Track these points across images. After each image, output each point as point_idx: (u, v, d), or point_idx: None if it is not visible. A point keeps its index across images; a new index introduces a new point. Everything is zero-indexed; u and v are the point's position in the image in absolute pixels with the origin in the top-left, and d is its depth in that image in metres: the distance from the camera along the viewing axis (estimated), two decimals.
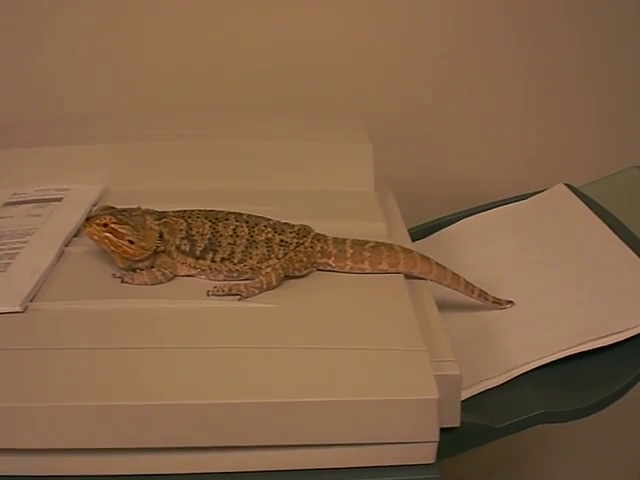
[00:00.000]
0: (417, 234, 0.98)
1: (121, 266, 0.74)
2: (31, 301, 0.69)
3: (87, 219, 0.73)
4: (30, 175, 0.91)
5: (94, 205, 0.86)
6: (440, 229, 1.00)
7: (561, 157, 1.22)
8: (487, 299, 0.80)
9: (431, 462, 0.62)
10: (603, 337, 0.73)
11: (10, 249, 0.77)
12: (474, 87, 1.19)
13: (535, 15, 1.16)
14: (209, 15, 1.12)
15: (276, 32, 1.13)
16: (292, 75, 1.14)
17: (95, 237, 0.72)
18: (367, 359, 0.63)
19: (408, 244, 0.81)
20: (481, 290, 0.79)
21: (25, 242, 0.78)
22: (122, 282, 0.73)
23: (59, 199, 0.88)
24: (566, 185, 1.00)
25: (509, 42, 1.17)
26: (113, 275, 0.73)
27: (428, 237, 0.99)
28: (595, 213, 0.92)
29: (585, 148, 1.22)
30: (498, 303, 0.81)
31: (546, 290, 0.83)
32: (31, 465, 0.60)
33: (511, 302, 0.81)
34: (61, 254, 0.77)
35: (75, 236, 0.80)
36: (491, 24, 1.16)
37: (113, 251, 0.73)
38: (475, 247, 0.95)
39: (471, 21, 1.15)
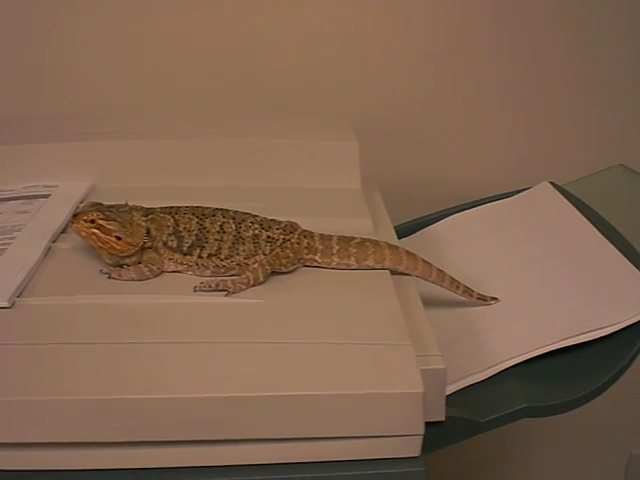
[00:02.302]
0: (403, 231, 0.98)
1: (108, 262, 0.74)
2: (18, 297, 0.69)
3: (74, 215, 0.73)
4: (18, 172, 0.91)
5: (81, 202, 0.86)
6: (426, 226, 1.01)
7: (546, 155, 1.22)
8: (472, 295, 0.81)
9: (416, 455, 0.62)
10: (585, 333, 0.73)
11: None
12: (460, 87, 1.19)
13: (522, 16, 1.16)
14: (200, 16, 1.12)
15: (264, 33, 1.14)
16: (280, 75, 1.15)
17: (82, 233, 0.73)
18: (353, 353, 0.64)
19: (394, 241, 0.82)
20: (466, 286, 0.80)
21: (13, 238, 0.78)
22: (109, 278, 0.73)
23: (46, 196, 0.88)
24: (551, 183, 1.01)
25: (496, 42, 1.17)
26: (100, 271, 0.74)
27: (414, 234, 1.00)
28: (579, 211, 0.92)
29: (570, 146, 1.23)
30: (483, 299, 0.81)
31: (530, 287, 0.83)
32: (17, 459, 0.60)
33: (495, 298, 0.82)
34: (48, 250, 0.77)
35: (62, 232, 0.81)
36: (477, 25, 1.16)
37: (100, 247, 0.73)
38: (460, 244, 0.95)
39: (458, 22, 1.16)
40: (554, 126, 1.22)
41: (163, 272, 0.74)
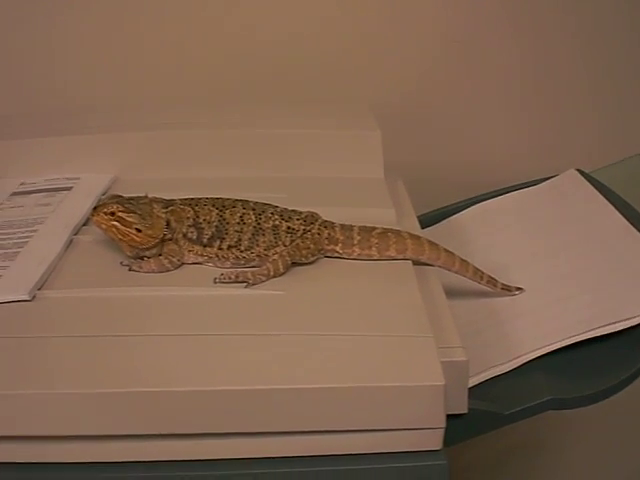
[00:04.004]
0: (427, 221, 0.97)
1: (129, 254, 0.74)
2: (39, 289, 0.69)
3: (94, 208, 0.73)
4: (40, 165, 0.91)
5: (104, 194, 0.86)
6: (450, 216, 1.00)
7: (573, 142, 1.20)
8: (496, 285, 0.79)
9: (438, 448, 0.61)
10: (612, 324, 0.72)
11: (19, 238, 0.77)
12: (484, 72, 1.17)
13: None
14: (216, 5, 1.12)
15: (283, 21, 1.13)
16: (300, 63, 1.14)
17: (103, 226, 0.73)
18: (373, 345, 0.63)
19: (417, 231, 0.81)
20: (490, 276, 0.79)
21: (34, 231, 0.79)
22: (130, 270, 0.73)
23: (69, 188, 0.88)
24: (578, 170, 0.99)
25: (520, 28, 1.16)
26: (121, 263, 0.74)
27: (438, 224, 0.99)
28: (607, 199, 0.91)
29: (598, 133, 1.21)
30: (507, 290, 0.80)
31: (556, 277, 0.82)
32: (40, 452, 0.60)
33: (520, 289, 0.80)
34: (70, 242, 0.77)
35: (84, 225, 0.81)
36: (501, 10, 1.14)
37: (120, 239, 0.73)
38: (485, 233, 0.94)
39: (481, 7, 1.14)
40: (580, 112, 1.20)
41: (183, 264, 0.74)
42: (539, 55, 1.17)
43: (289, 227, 0.74)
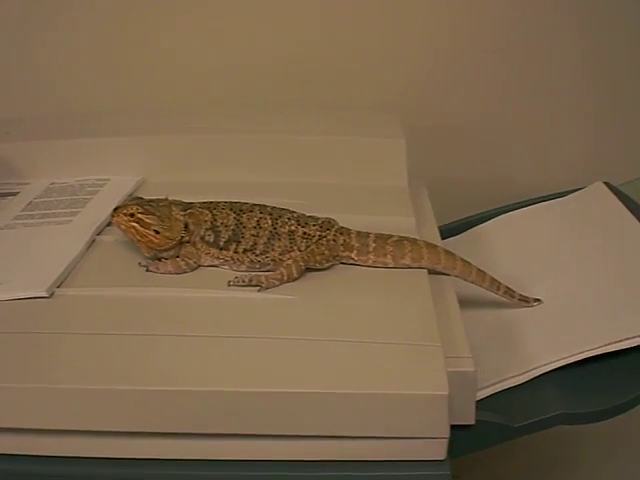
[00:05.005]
0: (452, 230, 0.98)
1: (147, 255, 0.75)
2: (58, 287, 0.71)
3: (115, 209, 0.74)
4: (72, 165, 0.93)
5: (130, 195, 0.87)
6: (474, 226, 0.99)
7: (602, 154, 1.19)
8: (513, 296, 0.79)
9: (441, 459, 0.61)
10: (628, 339, 0.71)
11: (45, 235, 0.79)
12: (511, 83, 1.16)
13: (591, 14, 1.13)
14: (245, 13, 1.13)
15: (311, 28, 1.14)
16: (327, 71, 1.14)
17: (122, 226, 0.74)
18: (380, 353, 0.63)
19: (436, 240, 0.81)
20: (507, 287, 0.78)
21: (60, 230, 0.80)
22: (147, 271, 0.74)
23: (98, 189, 0.90)
24: (605, 184, 0.98)
25: (555, 41, 1.14)
26: (139, 264, 0.75)
27: (462, 233, 0.98)
28: (633, 213, 0.90)
29: (627, 146, 1.19)
30: (525, 301, 0.79)
31: (575, 289, 0.81)
32: (51, 446, 0.62)
33: (538, 300, 0.79)
34: (92, 242, 0.79)
35: (108, 225, 0.82)
36: (537, 21, 1.13)
37: (139, 240, 0.74)
38: (508, 244, 0.93)
39: (510, 17, 1.13)
40: (610, 125, 1.18)
41: (200, 266, 0.75)
42: (569, 70, 1.16)
43: (305, 232, 0.75)
